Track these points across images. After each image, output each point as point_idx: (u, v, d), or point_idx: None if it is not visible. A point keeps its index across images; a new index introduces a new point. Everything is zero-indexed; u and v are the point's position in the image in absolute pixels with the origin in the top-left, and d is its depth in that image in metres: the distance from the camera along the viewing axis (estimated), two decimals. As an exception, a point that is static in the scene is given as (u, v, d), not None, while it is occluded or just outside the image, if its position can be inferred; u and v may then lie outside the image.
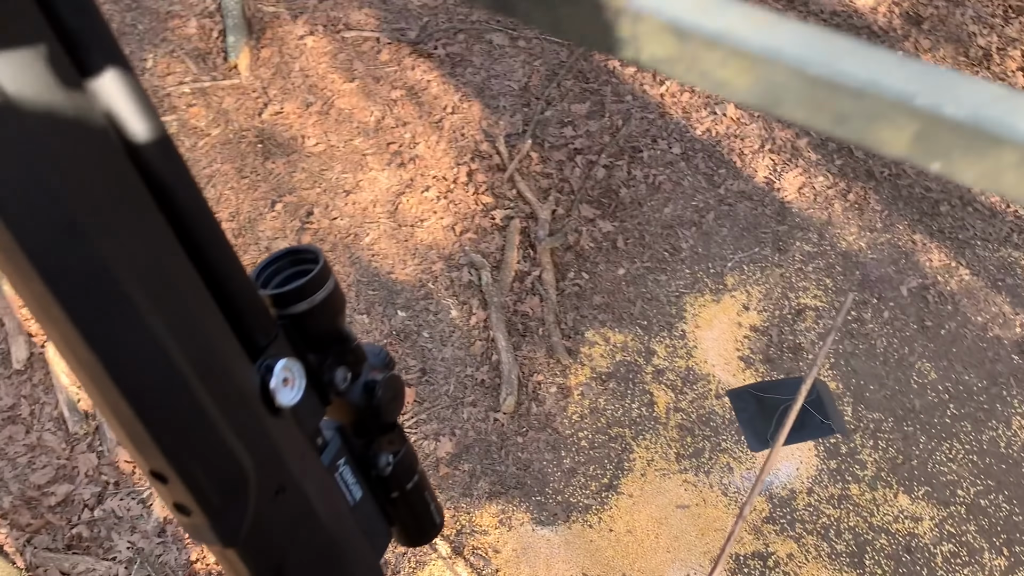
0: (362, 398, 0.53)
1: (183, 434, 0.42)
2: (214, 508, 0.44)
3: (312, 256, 0.50)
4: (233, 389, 0.44)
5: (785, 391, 2.48)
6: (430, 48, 3.46)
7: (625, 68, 3.37)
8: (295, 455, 0.48)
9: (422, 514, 0.62)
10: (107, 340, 0.37)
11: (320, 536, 0.52)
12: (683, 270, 2.81)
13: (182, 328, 0.40)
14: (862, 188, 2.98)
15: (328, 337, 0.51)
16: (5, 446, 2.50)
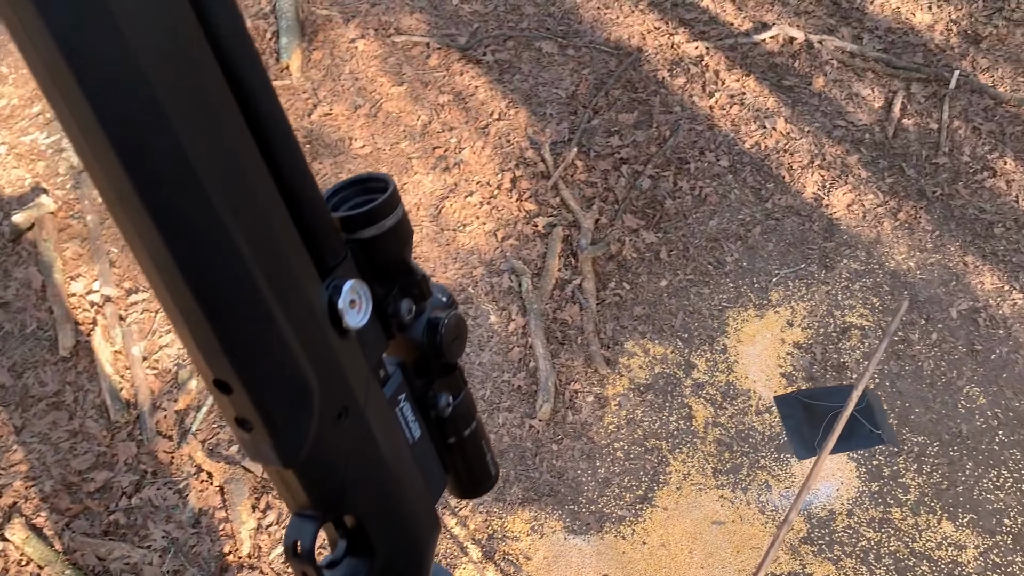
0: (425, 335, 0.52)
1: (251, 341, 0.40)
2: (276, 424, 0.43)
3: (382, 183, 0.49)
4: (303, 302, 0.43)
5: (834, 399, 2.44)
6: (479, 54, 3.48)
7: (674, 79, 3.35)
8: (359, 380, 0.47)
9: (478, 463, 0.61)
10: (180, 233, 0.36)
11: (380, 467, 0.51)
12: (727, 284, 2.78)
13: (256, 230, 0.39)
14: (913, 207, 2.92)
15: (394, 267, 0.50)
16: (49, 431, 2.55)
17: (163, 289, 0.38)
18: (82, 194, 3.11)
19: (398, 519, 0.54)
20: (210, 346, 0.40)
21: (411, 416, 0.54)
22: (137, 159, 0.34)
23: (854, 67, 3.33)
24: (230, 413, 0.43)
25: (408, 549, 0.56)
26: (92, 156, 0.34)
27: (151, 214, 0.35)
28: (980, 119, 3.12)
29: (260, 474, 2.44)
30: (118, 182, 0.34)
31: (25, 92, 3.47)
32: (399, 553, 0.55)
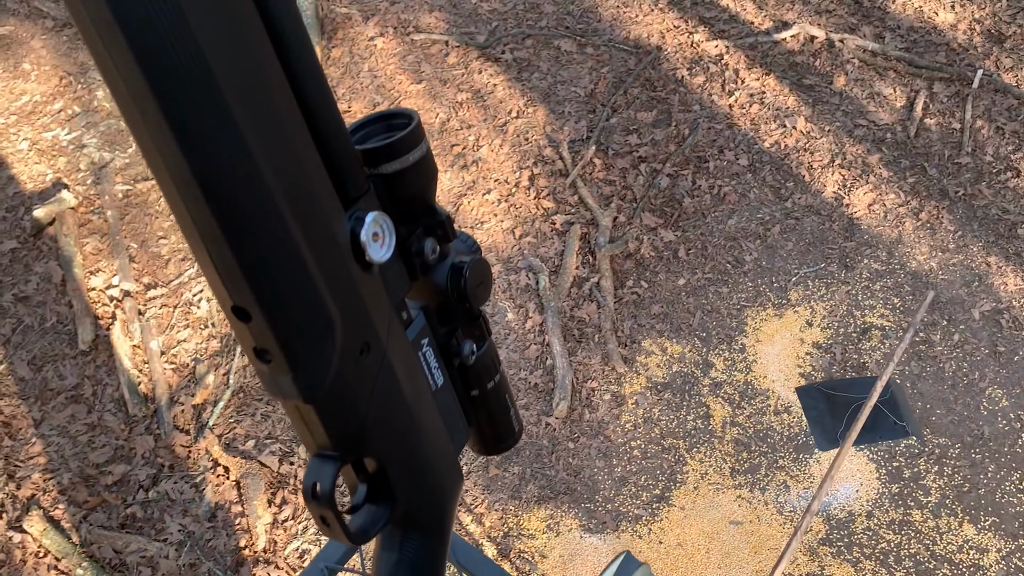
0: (449, 279, 0.51)
1: (271, 265, 0.39)
2: (296, 355, 0.42)
3: (406, 118, 0.48)
4: (324, 228, 0.41)
5: (856, 390, 2.42)
6: (498, 52, 3.47)
7: (694, 77, 3.34)
8: (381, 317, 0.46)
9: (502, 418, 0.59)
10: (202, 149, 0.35)
11: (402, 408, 0.49)
12: (746, 283, 2.76)
13: (279, 148, 0.38)
14: (935, 207, 2.89)
15: (418, 205, 0.49)
16: (68, 424, 2.56)
17: (183, 208, 0.37)
18: (102, 190, 3.12)
19: (420, 465, 0.52)
20: (229, 268, 0.38)
21: (434, 362, 0.53)
22: (157, 65, 0.33)
23: (875, 66, 3.30)
24: (248, 343, 0.42)
25: (430, 498, 0.54)
26: (111, 60, 0.33)
27: (171, 126, 0.34)
28: (1003, 119, 3.08)
29: (276, 469, 2.44)
30: (138, 89, 0.34)
31: (47, 89, 3.49)
32: (420, 501, 0.53)
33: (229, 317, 0.41)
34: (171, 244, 2.99)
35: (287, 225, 0.39)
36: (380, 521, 0.51)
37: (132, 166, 3.22)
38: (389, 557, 0.53)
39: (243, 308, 0.40)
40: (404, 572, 0.53)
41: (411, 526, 0.54)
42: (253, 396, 2.61)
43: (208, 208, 0.37)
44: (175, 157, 0.35)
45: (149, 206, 3.10)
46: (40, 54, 3.61)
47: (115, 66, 0.33)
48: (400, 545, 0.53)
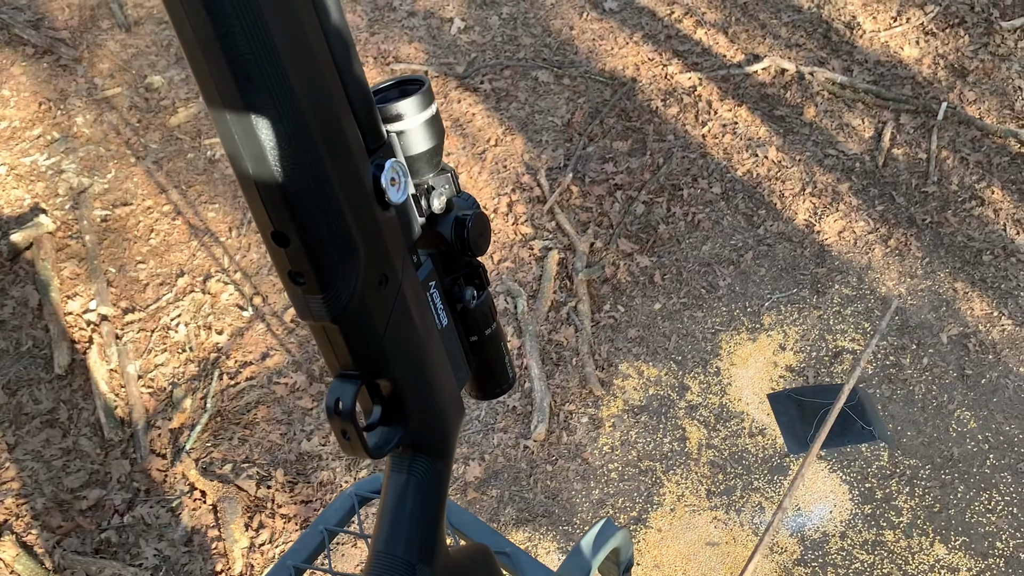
0: (453, 230, 0.58)
1: (309, 197, 0.46)
2: (326, 278, 0.48)
3: (418, 83, 0.54)
4: (353, 170, 0.48)
5: (825, 396, 2.47)
6: (476, 83, 3.53)
7: (668, 108, 3.41)
8: (398, 253, 0.53)
9: (498, 364, 0.66)
10: (257, 88, 0.42)
11: (414, 337, 0.56)
12: (720, 308, 2.81)
13: (319, 97, 0.45)
14: (903, 234, 2.96)
15: (427, 160, 0.55)
16: (42, 449, 2.54)
17: (236, 141, 0.43)
18: (80, 215, 3.13)
19: (429, 392, 0.58)
20: (272, 197, 0.45)
21: (440, 304, 0.59)
22: (222, 14, 0.40)
23: (844, 98, 3.39)
24: (285, 267, 0.48)
25: (436, 424, 0.60)
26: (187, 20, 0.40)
27: (231, 67, 0.41)
28: (968, 150, 3.18)
29: (253, 493, 2.43)
30: (202, 27, 0.40)
31: (26, 115, 3.50)
32: (428, 426, 0.59)
33: (268, 243, 0.48)
34: (149, 269, 2.99)
35: (323, 161, 0.46)
36: (393, 440, 0.57)
37: (111, 191, 3.23)
38: (399, 477, 0.59)
39: (283, 233, 0.46)
40: (413, 490, 0.59)
41: (419, 449, 0.59)
42: (231, 420, 2.60)
43: (259, 142, 0.43)
44: (233, 93, 0.42)
45: (127, 231, 3.11)
46: (20, 80, 3.62)
47: (187, 17, 0.40)
48: (409, 466, 0.59)
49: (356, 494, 0.90)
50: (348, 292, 0.49)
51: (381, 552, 0.58)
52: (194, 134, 3.41)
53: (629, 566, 0.90)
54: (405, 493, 0.59)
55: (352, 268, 0.49)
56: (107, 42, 3.76)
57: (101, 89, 3.58)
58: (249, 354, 2.75)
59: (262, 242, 3.02)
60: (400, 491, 0.59)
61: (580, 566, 0.84)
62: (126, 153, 3.36)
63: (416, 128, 0.53)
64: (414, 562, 0.58)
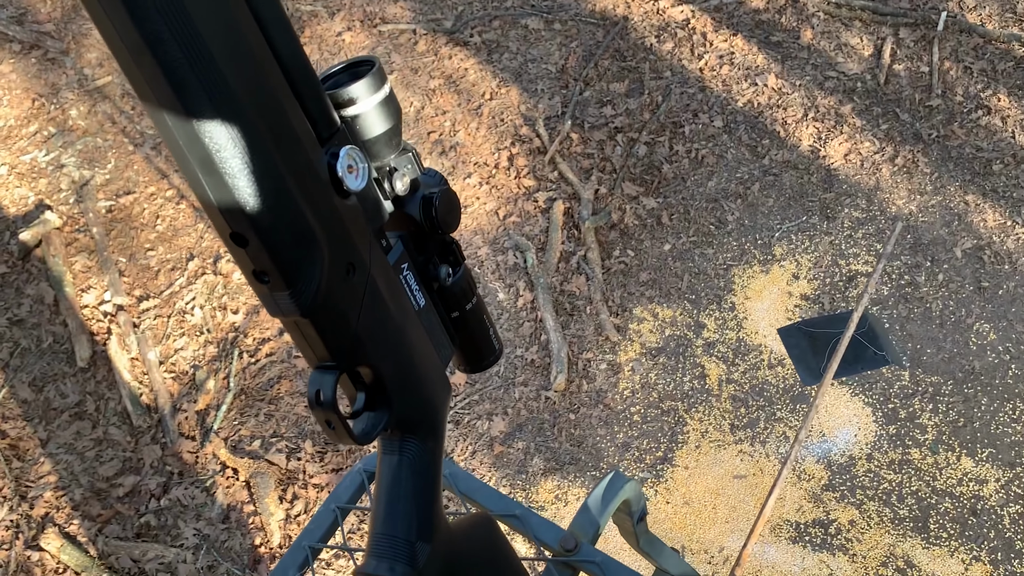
0: (421, 210, 0.58)
1: (262, 194, 0.45)
2: (290, 273, 0.48)
3: (369, 65, 0.53)
4: (305, 162, 0.48)
5: (836, 325, 2.47)
6: (466, 36, 3.49)
7: (662, 44, 3.36)
8: (363, 240, 0.53)
9: (481, 336, 0.67)
10: (193, 92, 0.41)
11: (388, 323, 0.56)
12: (730, 243, 2.79)
13: (259, 92, 0.44)
14: (910, 151, 2.92)
15: (385, 143, 0.55)
16: (73, 441, 2.58)
17: (180, 146, 0.43)
18: (85, 208, 3.14)
19: (410, 373, 0.58)
20: (225, 198, 0.44)
21: (415, 285, 0.59)
22: (148, 21, 0.39)
23: (840, 17, 3.33)
24: (248, 267, 0.48)
25: (422, 404, 0.60)
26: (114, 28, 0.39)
27: (164, 72, 0.40)
28: (971, 58, 3.12)
29: (284, 466, 2.47)
30: (135, 44, 0.39)
31: (20, 112, 3.50)
32: (414, 407, 0.59)
33: (228, 245, 0.47)
34: (159, 255, 3.01)
35: (273, 158, 0.45)
36: (379, 425, 0.57)
37: (113, 181, 3.24)
38: (391, 460, 0.60)
39: (240, 234, 0.46)
40: (405, 470, 0.60)
41: (408, 430, 0.60)
42: (255, 397, 2.63)
43: (202, 143, 0.42)
44: (170, 100, 0.41)
45: (134, 219, 3.12)
46: (10, 78, 3.60)
47: (113, 25, 0.39)
48: (400, 448, 0.60)
49: (365, 470, 0.92)
50: (314, 285, 0.48)
51: (380, 533, 0.59)
52: (189, 116, 3.39)
53: (643, 515, 0.91)
54: (398, 474, 0.59)
55: (316, 261, 0.48)
56: (92, 31, 3.73)
57: (92, 79, 3.56)
58: (266, 330, 2.77)
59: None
60: (393, 473, 0.60)
61: (590, 521, 0.85)
62: (123, 142, 3.36)
63: (371, 111, 0.52)
64: (413, 540, 0.59)
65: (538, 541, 0.89)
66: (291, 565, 0.88)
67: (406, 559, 0.58)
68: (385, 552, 0.58)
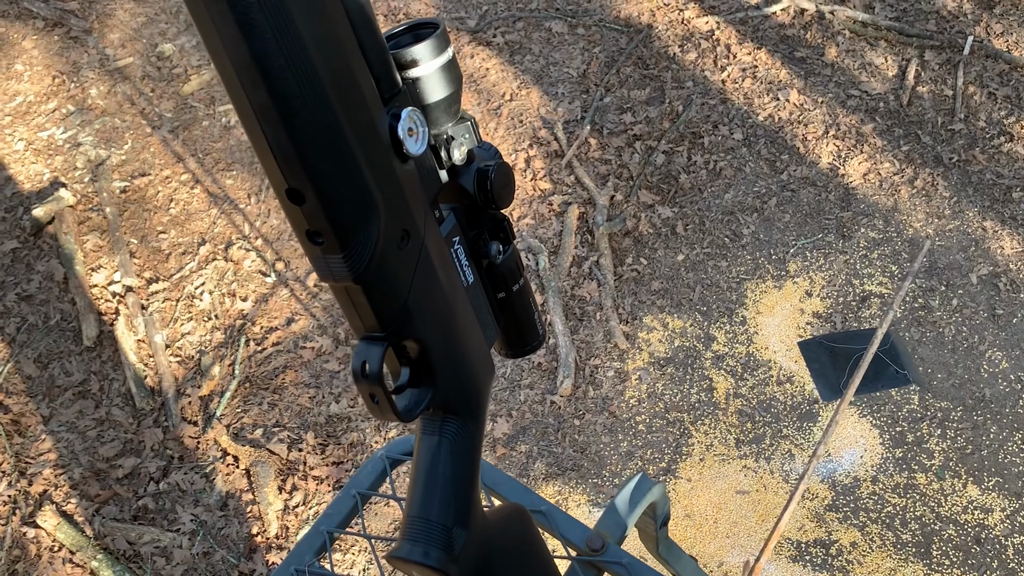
0: (476, 182, 0.55)
1: (322, 150, 0.43)
2: (346, 235, 0.46)
3: (432, 27, 0.52)
4: (367, 121, 0.46)
5: (857, 342, 2.45)
6: (489, 36, 3.48)
7: (685, 54, 3.34)
8: (418, 208, 0.51)
9: (526, 320, 0.64)
10: (260, 36, 0.40)
11: (439, 295, 0.54)
12: (744, 256, 2.78)
13: (327, 44, 0.43)
14: (930, 174, 2.90)
15: (444, 110, 0.53)
16: (76, 420, 2.58)
17: (243, 95, 0.41)
18: (100, 187, 3.13)
19: (457, 351, 0.56)
20: (285, 152, 0.43)
21: (465, 260, 0.57)
22: None
23: (866, 36, 3.31)
24: (302, 226, 0.46)
25: (466, 384, 0.58)
26: None
27: (233, 15, 0.39)
28: (995, 84, 3.10)
29: (285, 456, 2.46)
30: None
31: (41, 88, 3.50)
32: (458, 386, 0.57)
33: (283, 202, 0.45)
34: (171, 239, 3.00)
35: (335, 112, 0.43)
36: (423, 402, 0.55)
37: (128, 162, 3.23)
38: (431, 440, 0.58)
39: (297, 191, 0.44)
40: (445, 452, 0.57)
41: (450, 410, 0.58)
42: (259, 386, 2.62)
43: (266, 92, 0.41)
44: (237, 45, 0.40)
45: (147, 201, 3.11)
46: (32, 54, 3.61)
47: None
48: (440, 428, 0.58)
49: (387, 456, 0.90)
50: (369, 250, 0.47)
51: (415, 517, 0.57)
52: (208, 101, 3.39)
53: (666, 520, 0.89)
54: (437, 455, 0.58)
55: (372, 225, 0.47)
56: (116, 11, 3.74)
57: (113, 60, 3.57)
58: (274, 319, 2.76)
59: (278, 209, 3.01)
60: (432, 453, 0.58)
61: (617, 522, 0.83)
62: (141, 123, 3.36)
63: (432, 74, 0.51)
64: (449, 525, 0.57)
65: (564, 539, 0.88)
66: (308, 550, 0.87)
67: (442, 544, 0.56)
68: (420, 536, 0.56)
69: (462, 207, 0.57)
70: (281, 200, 0.45)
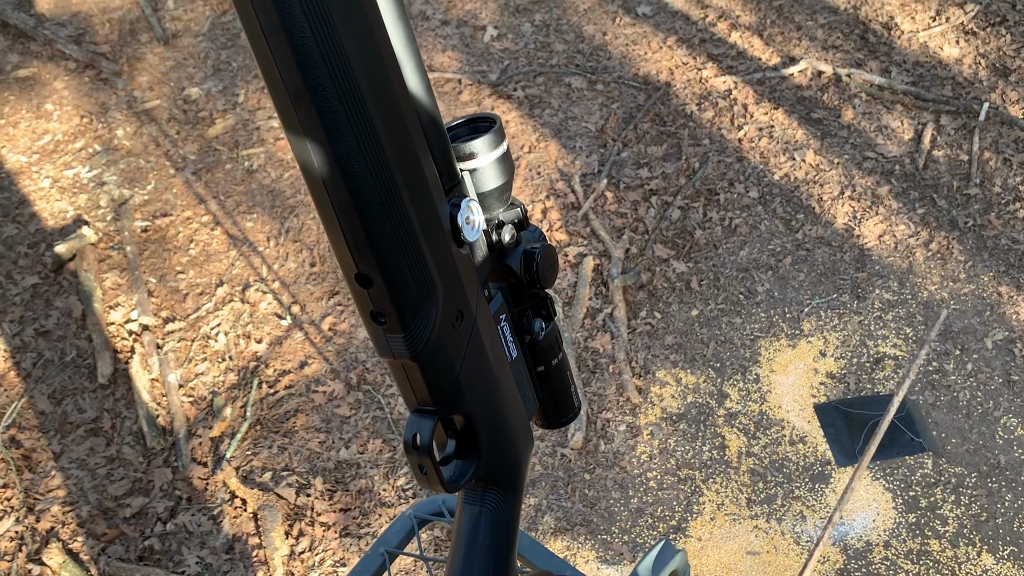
0: (522, 263, 0.59)
1: (392, 239, 0.47)
2: (408, 317, 0.49)
3: (489, 121, 0.55)
4: (432, 211, 0.50)
5: (873, 407, 2.43)
6: (509, 90, 3.54)
7: (703, 112, 3.39)
8: (472, 290, 0.54)
9: (564, 393, 0.67)
10: (344, 140, 0.43)
11: (487, 371, 0.57)
12: (758, 314, 2.78)
13: (401, 142, 0.46)
14: (945, 238, 2.91)
15: (497, 198, 0.57)
16: (86, 457, 2.58)
17: (323, 189, 0.44)
18: (122, 226, 3.18)
19: (501, 424, 0.59)
20: (358, 240, 0.46)
21: (510, 336, 0.60)
22: (313, 66, 0.41)
23: (883, 100, 3.35)
24: (367, 307, 0.49)
25: (508, 456, 0.61)
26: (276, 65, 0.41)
27: (322, 121, 0.42)
28: (1011, 150, 3.12)
29: (293, 501, 2.45)
30: (298, 88, 0.41)
31: (69, 128, 3.57)
32: (500, 457, 0.60)
33: (351, 285, 0.49)
34: (189, 279, 3.03)
35: (405, 206, 0.47)
36: (467, 473, 0.58)
37: (151, 202, 3.28)
38: (472, 510, 0.60)
39: (366, 275, 0.47)
40: (486, 522, 0.60)
41: (491, 481, 0.61)
42: (270, 429, 2.63)
43: (346, 190, 0.44)
44: (323, 147, 0.43)
45: (167, 241, 3.15)
46: (62, 95, 3.69)
47: (279, 70, 0.41)
48: (482, 499, 0.60)
49: (415, 516, 0.91)
50: (427, 330, 0.50)
51: None
52: (232, 145, 3.45)
53: (685, 587, 0.89)
54: (478, 525, 0.60)
55: (432, 307, 0.50)
56: (146, 55, 3.82)
57: (141, 102, 3.64)
58: (288, 362, 2.77)
59: (300, 252, 3.04)
60: (473, 523, 0.60)
61: (639, 590, 0.83)
62: (165, 164, 3.41)
63: (488, 166, 0.55)
64: None
65: None
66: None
67: None
68: None
69: (508, 285, 0.60)
70: (349, 283, 0.49)
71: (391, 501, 2.45)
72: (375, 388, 2.69)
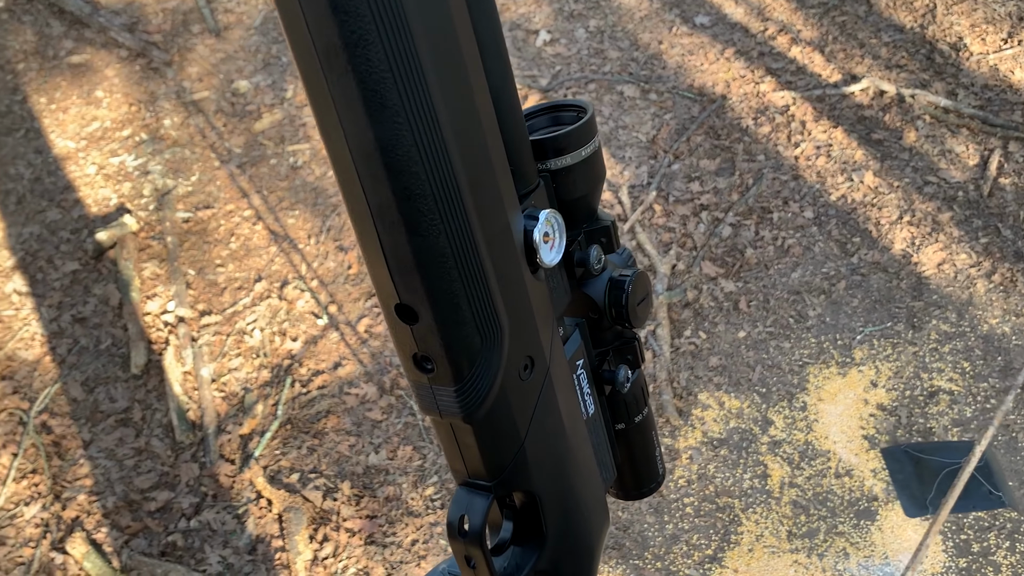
0: (608, 295, 0.45)
1: (448, 262, 0.34)
2: (462, 364, 0.36)
3: (578, 109, 0.43)
4: (503, 226, 0.36)
5: (947, 454, 2.31)
6: (560, 96, 3.47)
7: (759, 127, 3.29)
8: (546, 330, 0.40)
9: (646, 457, 0.53)
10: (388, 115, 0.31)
11: (560, 437, 0.43)
12: (808, 339, 2.67)
13: (472, 133, 0.34)
14: (1009, 269, 2.78)
15: (583, 207, 0.43)
16: (115, 447, 2.56)
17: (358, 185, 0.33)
18: (164, 216, 3.16)
19: (573, 502, 0.46)
20: (401, 259, 0.34)
21: (587, 387, 0.47)
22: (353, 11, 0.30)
23: (947, 123, 3.22)
24: (409, 349, 0.37)
25: (579, 540, 0.48)
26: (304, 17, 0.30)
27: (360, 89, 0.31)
28: (1083, 181, 2.98)
29: (319, 504, 2.40)
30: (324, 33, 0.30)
31: (117, 116, 3.57)
32: (570, 544, 0.47)
33: (390, 319, 0.36)
34: (228, 272, 3.01)
35: (468, 214, 0.34)
36: (526, 566, 0.45)
37: (194, 194, 3.27)
38: None
39: (410, 307, 0.35)
40: None
41: (556, 574, 0.47)
42: (300, 429, 2.58)
43: (389, 189, 0.32)
44: (362, 129, 0.31)
45: (208, 234, 3.13)
46: (113, 82, 3.70)
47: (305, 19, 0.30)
48: None
49: (449, 572, 0.82)
50: (487, 383, 0.38)
51: None
52: (278, 140, 3.42)
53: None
54: None
55: (495, 352, 0.37)
56: (197, 46, 3.82)
57: (189, 92, 3.63)
58: (322, 363, 2.73)
59: (340, 251, 3.01)
60: None
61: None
62: (210, 156, 3.40)
63: (576, 167, 0.42)
64: None
65: None
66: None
67: None
68: None
69: (588, 321, 0.47)
70: (387, 315, 0.37)
71: (419, 511, 2.38)
72: (408, 394, 2.63)
